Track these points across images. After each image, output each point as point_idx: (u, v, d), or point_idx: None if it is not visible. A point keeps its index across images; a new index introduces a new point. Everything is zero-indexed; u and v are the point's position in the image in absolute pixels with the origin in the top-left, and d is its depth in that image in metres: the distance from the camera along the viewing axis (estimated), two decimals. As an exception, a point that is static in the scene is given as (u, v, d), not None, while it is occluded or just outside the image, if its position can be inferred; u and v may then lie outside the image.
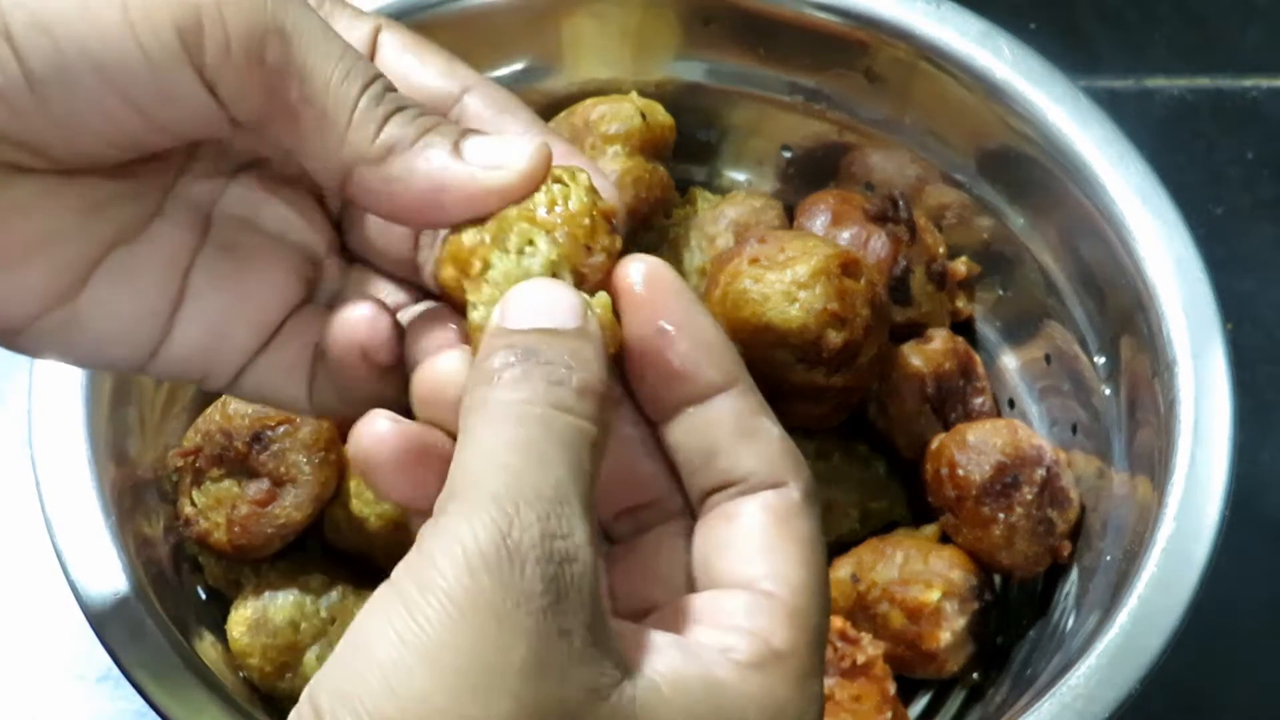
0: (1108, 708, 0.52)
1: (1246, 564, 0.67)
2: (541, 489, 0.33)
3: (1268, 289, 0.83)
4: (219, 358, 0.42)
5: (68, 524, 0.57)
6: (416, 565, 0.33)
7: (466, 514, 0.32)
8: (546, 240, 0.37)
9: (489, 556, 0.32)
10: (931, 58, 0.68)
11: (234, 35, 0.36)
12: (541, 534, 0.32)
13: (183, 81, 0.36)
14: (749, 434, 0.38)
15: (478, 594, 0.31)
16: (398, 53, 0.42)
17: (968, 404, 0.69)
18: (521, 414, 0.34)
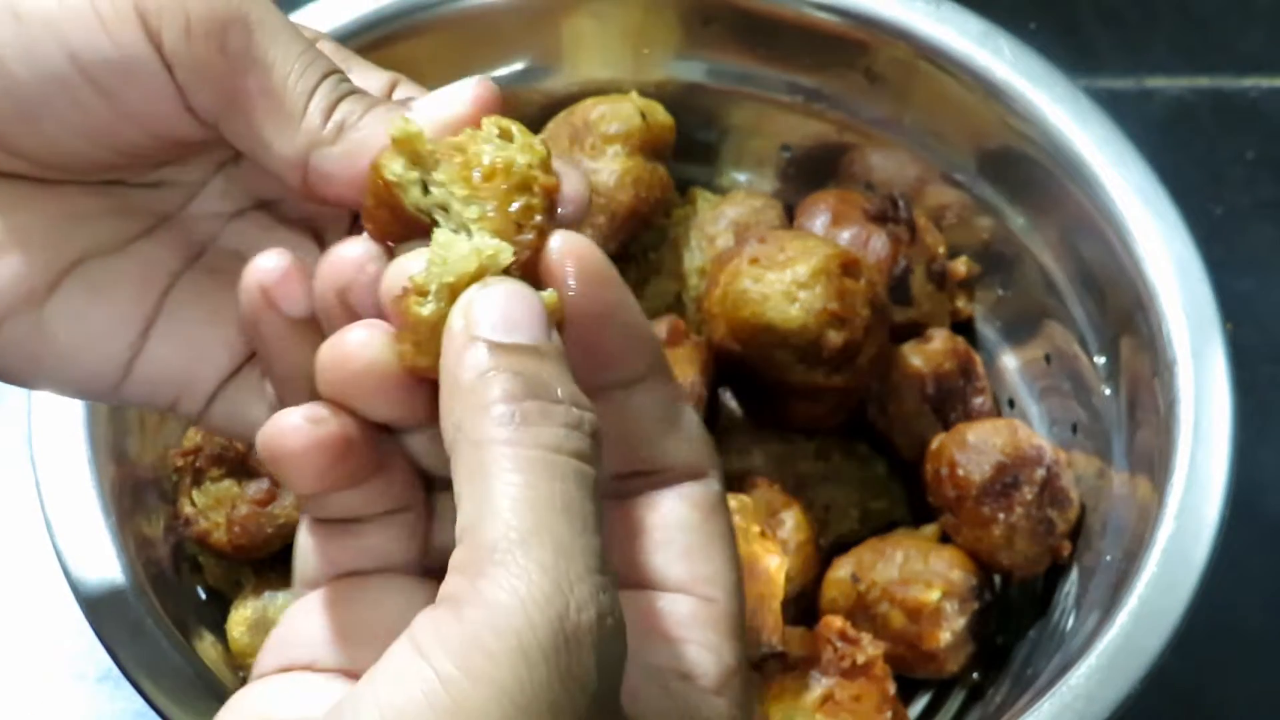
0: (1108, 708, 0.52)
1: (1246, 564, 0.67)
2: (589, 561, 0.30)
3: (1268, 289, 0.83)
4: (192, 380, 0.41)
5: (68, 524, 0.57)
6: (459, 642, 0.29)
7: (517, 590, 0.29)
8: (475, 210, 0.35)
9: (546, 646, 0.29)
10: (931, 58, 0.68)
11: (195, 19, 0.36)
12: (598, 615, 0.30)
13: (144, 61, 0.36)
14: (671, 422, 0.36)
15: (535, 689, 0.29)
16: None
17: (968, 404, 0.69)
18: (548, 464, 0.31)
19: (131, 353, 0.40)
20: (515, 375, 0.32)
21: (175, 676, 0.54)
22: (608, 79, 0.73)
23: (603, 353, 0.35)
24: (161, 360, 0.41)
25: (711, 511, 0.37)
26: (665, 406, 0.36)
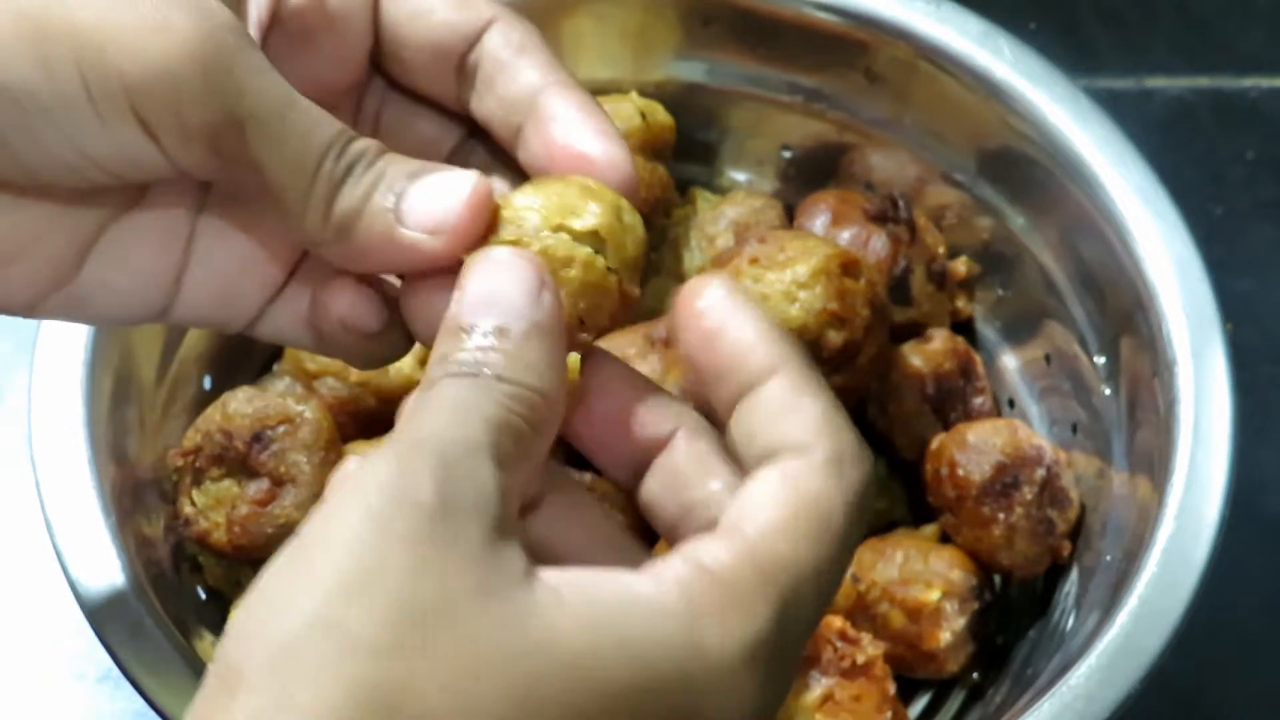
0: (1108, 708, 0.52)
1: (1246, 564, 0.67)
2: (449, 434, 0.33)
3: (1268, 289, 0.83)
4: (231, 312, 0.43)
5: (68, 524, 0.57)
6: (333, 501, 0.33)
7: (374, 455, 0.33)
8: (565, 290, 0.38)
9: (384, 482, 0.32)
10: (931, 58, 0.68)
11: (191, 126, 0.36)
12: (439, 461, 0.32)
13: (146, 154, 0.37)
14: (788, 411, 0.37)
15: (374, 521, 0.31)
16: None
17: (968, 404, 0.69)
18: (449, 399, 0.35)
19: (168, 298, 0.42)
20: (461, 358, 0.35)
21: (175, 676, 0.54)
22: (608, 79, 0.73)
23: (720, 361, 0.37)
24: (198, 302, 0.43)
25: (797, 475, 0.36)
26: (786, 398, 0.37)
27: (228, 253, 0.42)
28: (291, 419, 0.61)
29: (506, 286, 0.36)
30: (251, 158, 0.37)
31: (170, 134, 0.36)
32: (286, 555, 0.32)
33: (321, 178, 0.38)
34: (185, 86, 0.36)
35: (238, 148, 0.37)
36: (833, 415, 0.37)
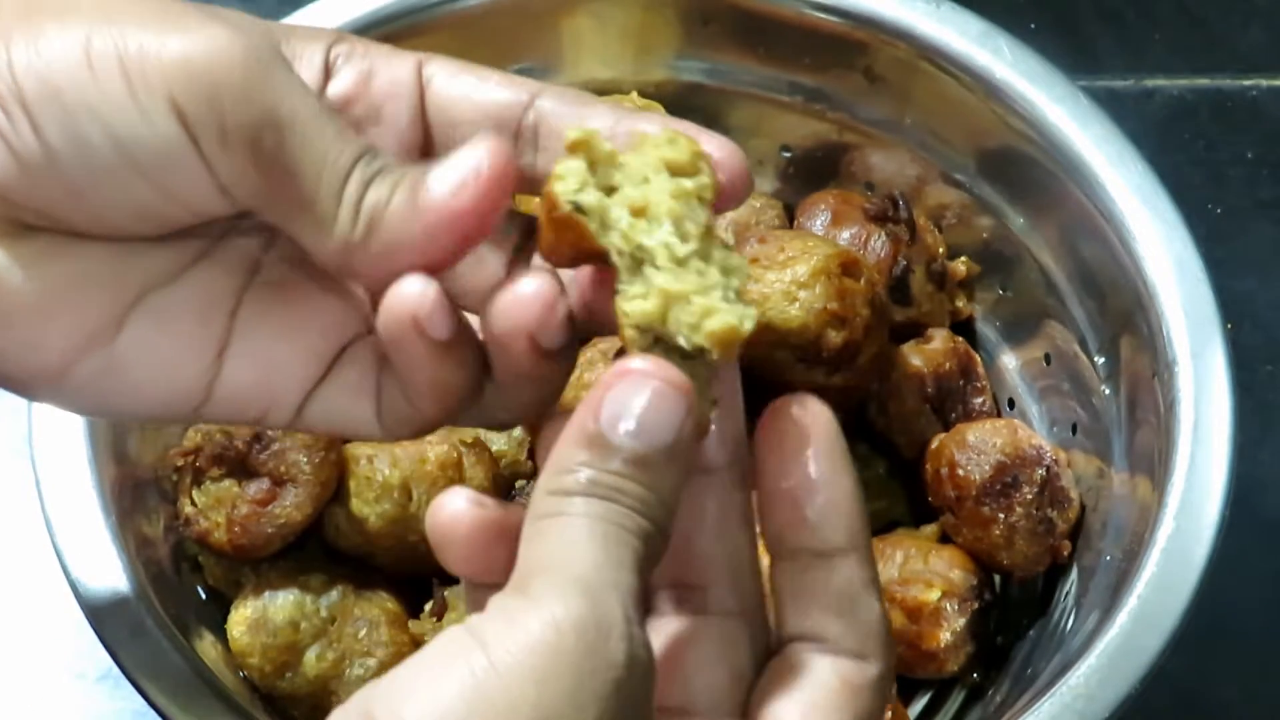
0: (1108, 708, 0.52)
1: (1246, 564, 0.67)
2: (620, 582, 0.33)
3: (1268, 289, 0.83)
4: (276, 395, 0.41)
5: (68, 524, 0.57)
6: (498, 620, 0.33)
7: (556, 587, 0.33)
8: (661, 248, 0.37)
9: (579, 622, 0.32)
10: (931, 58, 0.68)
11: (230, 125, 0.36)
12: (625, 618, 0.33)
13: (183, 153, 0.37)
14: (850, 603, 0.37)
15: (563, 652, 0.32)
16: (451, 78, 0.42)
17: (968, 404, 0.69)
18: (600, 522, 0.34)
19: (209, 377, 0.41)
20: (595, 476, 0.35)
21: (175, 676, 0.54)
22: (608, 79, 0.73)
23: (804, 520, 0.37)
24: (241, 380, 0.41)
25: (859, 689, 0.37)
26: (852, 586, 0.37)
27: (274, 329, 0.41)
28: (291, 419, 0.61)
29: (656, 413, 0.35)
30: (287, 161, 0.37)
31: (210, 136, 0.36)
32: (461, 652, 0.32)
33: (353, 180, 0.37)
34: (226, 85, 0.36)
35: (275, 151, 0.37)
36: (886, 623, 0.38)
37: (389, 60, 0.42)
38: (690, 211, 0.37)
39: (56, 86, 0.36)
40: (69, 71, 0.36)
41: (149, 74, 0.36)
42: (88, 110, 0.36)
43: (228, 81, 0.36)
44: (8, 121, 0.36)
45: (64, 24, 0.37)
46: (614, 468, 0.34)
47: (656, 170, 0.38)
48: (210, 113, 0.36)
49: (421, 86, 0.42)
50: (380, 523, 0.62)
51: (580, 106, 0.42)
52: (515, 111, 0.42)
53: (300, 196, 0.37)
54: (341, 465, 0.62)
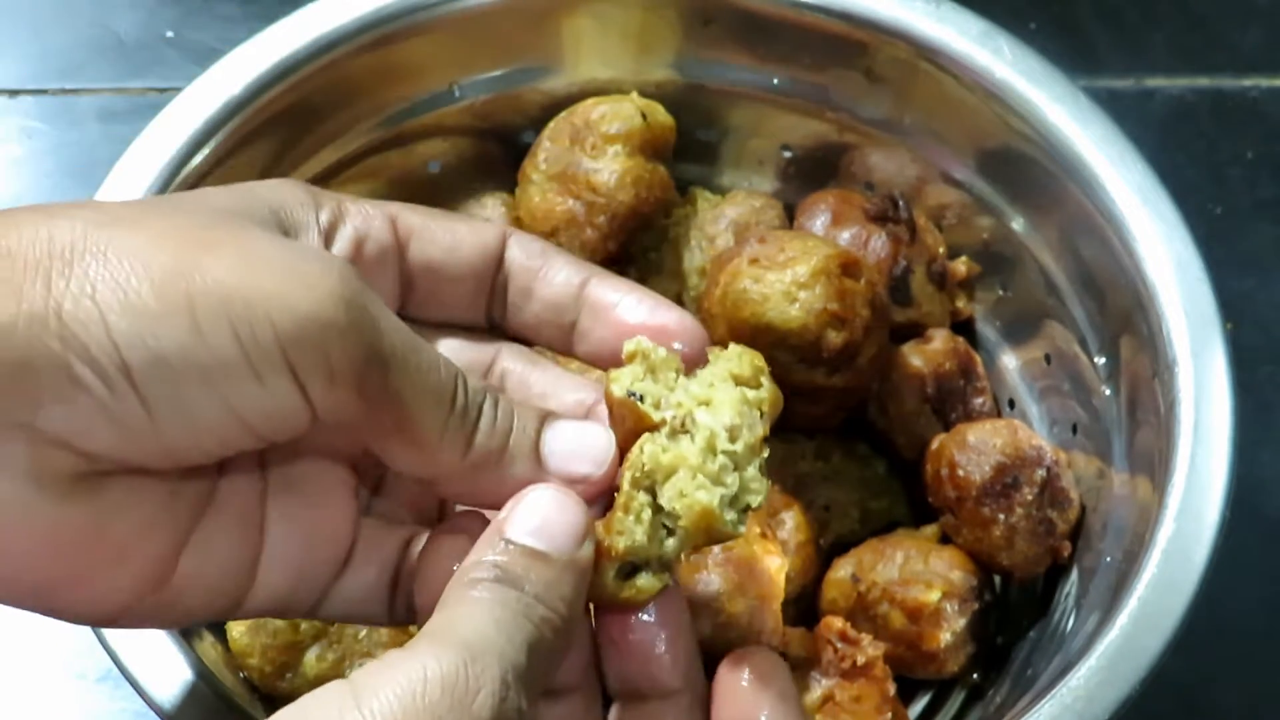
0: (1108, 708, 0.52)
1: (1246, 564, 0.67)
2: (505, 654, 0.36)
3: (1268, 289, 0.83)
4: (302, 592, 0.44)
5: (68, 524, 0.56)
6: (374, 670, 0.34)
7: (437, 644, 0.35)
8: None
9: (448, 678, 0.34)
10: (931, 58, 0.68)
11: (337, 368, 0.37)
12: (500, 679, 0.35)
13: (292, 406, 0.37)
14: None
15: (426, 701, 0.33)
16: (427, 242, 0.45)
17: (968, 404, 0.69)
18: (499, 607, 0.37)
19: (246, 588, 0.43)
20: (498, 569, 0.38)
21: (175, 676, 0.54)
22: (608, 79, 0.73)
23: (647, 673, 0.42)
24: (273, 584, 0.43)
25: None
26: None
27: (296, 532, 0.43)
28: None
29: (560, 522, 0.39)
30: (393, 394, 0.38)
31: (318, 380, 0.37)
32: (335, 698, 0.33)
33: (456, 411, 0.39)
34: (332, 330, 0.36)
35: (380, 385, 0.38)
36: None
37: (367, 218, 0.43)
38: (749, 419, 0.41)
39: (164, 358, 0.35)
40: (177, 341, 0.35)
41: (259, 334, 0.36)
42: (200, 378, 0.36)
43: (334, 326, 0.36)
44: (109, 394, 0.35)
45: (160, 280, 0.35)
46: (519, 562, 0.38)
47: (724, 379, 0.42)
48: (320, 360, 0.36)
49: (401, 247, 0.44)
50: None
51: (545, 260, 0.45)
52: (491, 267, 0.45)
53: (402, 424, 0.39)
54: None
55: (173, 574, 0.41)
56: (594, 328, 0.45)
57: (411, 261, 0.45)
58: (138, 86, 0.92)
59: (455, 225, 0.45)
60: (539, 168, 0.70)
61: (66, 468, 0.36)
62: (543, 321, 0.45)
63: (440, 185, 0.74)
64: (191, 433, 0.37)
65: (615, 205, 0.68)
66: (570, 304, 0.45)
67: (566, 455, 0.41)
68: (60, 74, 0.92)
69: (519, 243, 0.45)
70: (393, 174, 0.74)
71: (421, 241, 0.44)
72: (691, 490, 0.40)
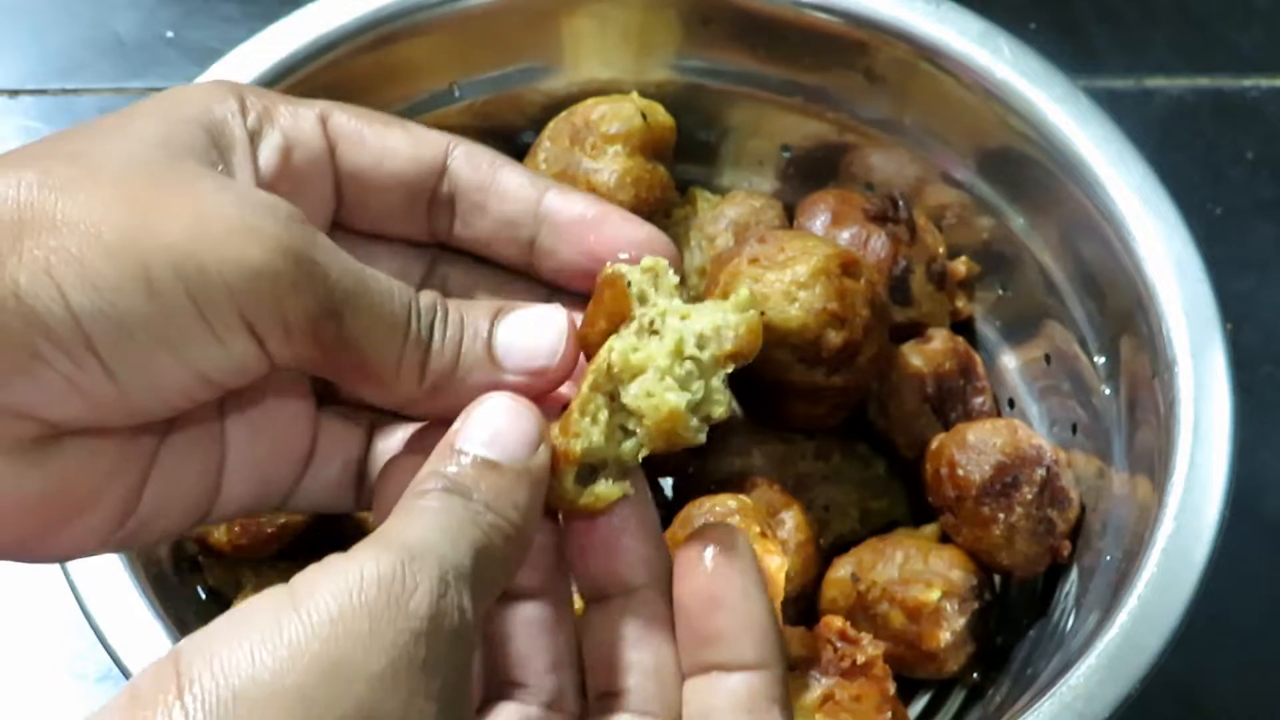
0: (1108, 707, 0.52)
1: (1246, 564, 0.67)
2: (448, 556, 0.35)
3: (1268, 289, 0.83)
4: (267, 497, 0.44)
5: (68, 524, 0.57)
6: (313, 572, 0.34)
7: (375, 546, 0.34)
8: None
9: (385, 577, 0.33)
10: (931, 58, 0.68)
11: (292, 320, 0.37)
12: (439, 579, 0.34)
13: (251, 361, 0.38)
14: (754, 714, 0.39)
15: (362, 602, 0.33)
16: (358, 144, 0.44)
17: (968, 404, 0.69)
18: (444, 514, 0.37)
19: (211, 503, 0.43)
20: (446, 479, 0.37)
21: (175, 676, 0.54)
22: (608, 79, 0.73)
23: (710, 631, 0.40)
24: (237, 494, 0.44)
25: None
26: (756, 700, 0.39)
27: (256, 440, 0.43)
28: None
29: (512, 430, 0.39)
30: (348, 340, 0.38)
31: (274, 333, 0.37)
32: (272, 602, 0.33)
33: (410, 343, 0.39)
34: (283, 284, 0.36)
35: (335, 333, 0.38)
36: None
37: (297, 122, 0.43)
38: (721, 334, 0.41)
39: (125, 328, 0.35)
40: (136, 310, 0.35)
41: (215, 296, 0.36)
42: (161, 343, 0.36)
43: (285, 280, 0.36)
44: (74, 367, 0.35)
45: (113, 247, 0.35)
46: (469, 471, 0.37)
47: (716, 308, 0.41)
48: (274, 314, 0.37)
49: (334, 156, 0.43)
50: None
51: (496, 173, 0.44)
52: (430, 180, 0.44)
53: (359, 365, 0.39)
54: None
55: (138, 508, 0.41)
56: (559, 246, 0.44)
57: (339, 169, 0.44)
58: (138, 86, 0.92)
59: (390, 132, 0.44)
60: (539, 168, 0.70)
61: (29, 435, 0.37)
62: (497, 238, 0.44)
63: (440, 185, 0.74)
64: (156, 394, 0.37)
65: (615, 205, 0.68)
66: (528, 220, 0.44)
67: (521, 346, 0.41)
68: (60, 74, 0.92)
69: (466, 154, 0.44)
70: (393, 174, 0.74)
71: (349, 146, 0.43)
72: (660, 391, 0.39)
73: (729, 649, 0.39)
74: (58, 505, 0.39)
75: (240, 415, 0.43)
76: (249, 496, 0.44)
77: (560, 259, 0.44)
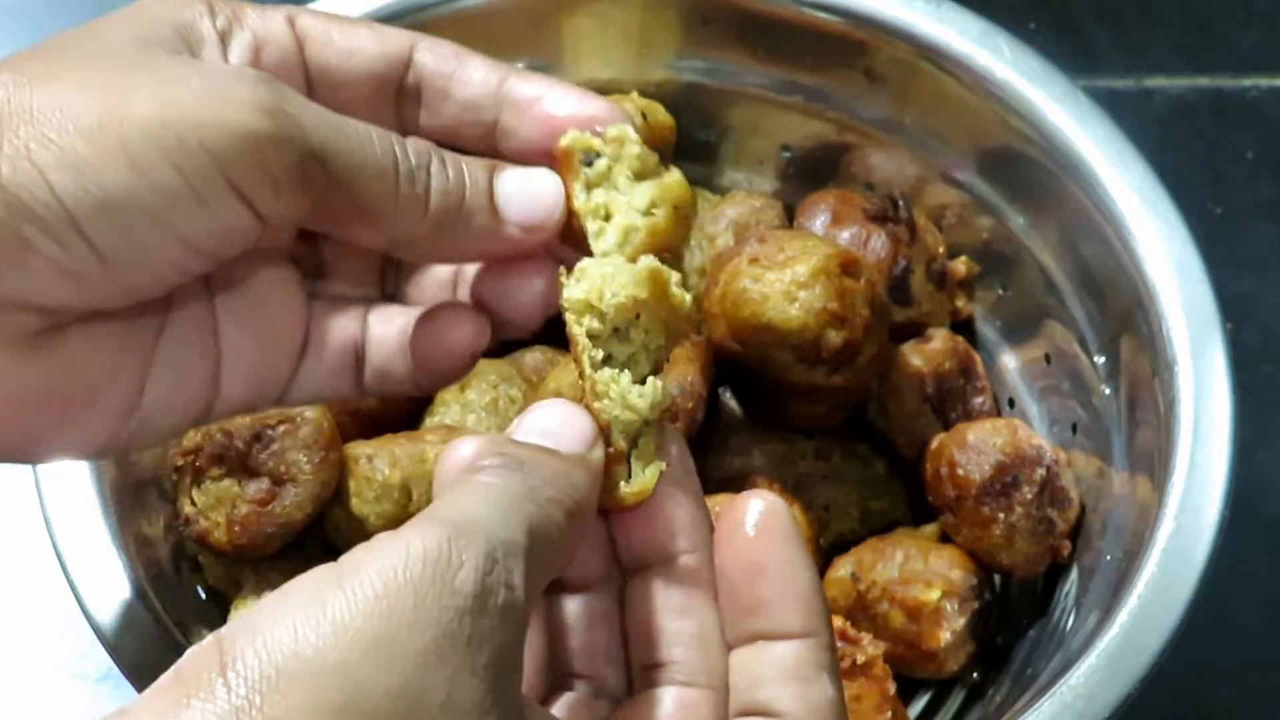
0: (1108, 707, 0.52)
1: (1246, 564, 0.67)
2: (497, 532, 0.34)
3: (1268, 289, 0.83)
4: (265, 390, 0.45)
5: (68, 524, 0.57)
6: (360, 549, 0.34)
7: (422, 522, 0.34)
8: None
9: (430, 552, 0.33)
10: (931, 58, 0.68)
11: (279, 177, 0.37)
12: (486, 554, 0.34)
13: (241, 223, 0.38)
14: (802, 681, 0.39)
15: (407, 575, 0.32)
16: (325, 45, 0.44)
17: (968, 404, 0.69)
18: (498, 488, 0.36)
19: (211, 398, 0.44)
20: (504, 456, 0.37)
21: (175, 676, 0.54)
22: (608, 79, 0.73)
23: (755, 599, 0.39)
24: (236, 389, 0.44)
25: None
26: (803, 667, 0.39)
27: (250, 334, 0.44)
28: (291, 418, 0.61)
29: (564, 426, 0.39)
30: (337, 182, 0.38)
31: (263, 191, 0.37)
32: (317, 580, 0.33)
33: (404, 176, 0.40)
34: (264, 140, 0.37)
35: (323, 178, 0.38)
36: (840, 710, 0.39)
37: (265, 22, 0.43)
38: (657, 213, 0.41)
39: (112, 205, 0.36)
40: (119, 184, 0.36)
41: (196, 161, 0.36)
42: (148, 216, 0.36)
43: (264, 136, 0.37)
44: (63, 251, 0.36)
45: (89, 128, 0.36)
46: (526, 450, 0.38)
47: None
48: (259, 173, 0.37)
49: (303, 53, 0.44)
50: (380, 522, 0.62)
51: (459, 62, 0.44)
52: (396, 71, 0.44)
53: (356, 206, 0.39)
54: (341, 465, 0.62)
55: (141, 403, 0.41)
56: (519, 125, 0.44)
57: (309, 66, 0.44)
58: (138, 87, 0.91)
59: (356, 30, 0.44)
60: (539, 168, 0.70)
61: (28, 327, 0.37)
62: (462, 123, 0.45)
63: (440, 185, 0.74)
64: (148, 268, 0.37)
65: (615, 205, 0.68)
66: (490, 103, 0.44)
67: (521, 199, 0.42)
68: (60, 74, 0.92)
69: (430, 46, 0.45)
70: (393, 174, 0.74)
71: (317, 43, 0.44)
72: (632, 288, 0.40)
73: (774, 617, 0.39)
74: (62, 399, 0.39)
75: (231, 308, 0.44)
76: (248, 390, 0.44)
77: (521, 137, 0.44)
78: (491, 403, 0.69)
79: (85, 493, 0.57)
